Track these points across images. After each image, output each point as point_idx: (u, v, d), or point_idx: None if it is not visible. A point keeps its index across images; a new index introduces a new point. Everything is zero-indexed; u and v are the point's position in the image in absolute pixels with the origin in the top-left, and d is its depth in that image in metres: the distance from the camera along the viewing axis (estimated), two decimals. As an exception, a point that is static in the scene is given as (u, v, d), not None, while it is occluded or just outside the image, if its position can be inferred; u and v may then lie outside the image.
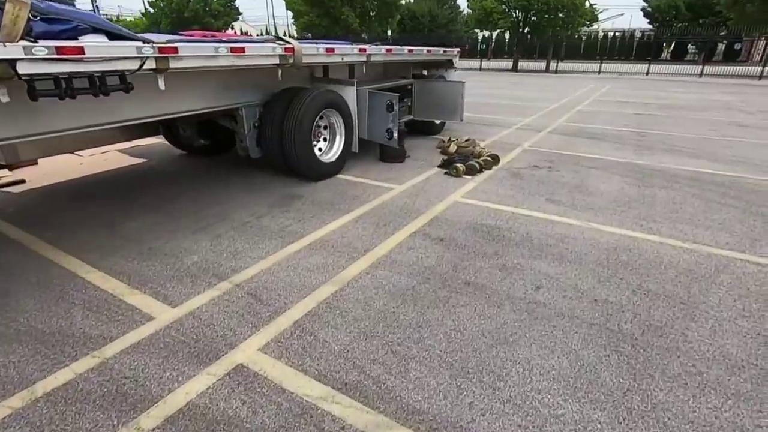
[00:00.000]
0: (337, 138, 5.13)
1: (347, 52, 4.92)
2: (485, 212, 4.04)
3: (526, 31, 28.23)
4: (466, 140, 6.29)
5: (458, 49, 7.51)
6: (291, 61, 4.14)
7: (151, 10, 44.70)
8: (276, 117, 4.47)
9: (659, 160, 5.92)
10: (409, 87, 6.65)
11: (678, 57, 35.36)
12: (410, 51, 6.09)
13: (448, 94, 6.68)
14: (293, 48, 4.14)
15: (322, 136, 5.03)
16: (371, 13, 34.87)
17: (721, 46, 31.66)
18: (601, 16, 34.00)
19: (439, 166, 5.48)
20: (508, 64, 29.36)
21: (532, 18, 26.99)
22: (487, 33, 39.93)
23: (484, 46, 46.83)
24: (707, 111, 10.61)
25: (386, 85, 5.87)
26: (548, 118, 9.30)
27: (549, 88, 16.42)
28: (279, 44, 4.12)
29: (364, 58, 5.23)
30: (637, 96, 13.98)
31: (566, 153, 6.28)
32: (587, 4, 25.81)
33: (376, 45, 5.70)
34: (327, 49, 4.64)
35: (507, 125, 8.46)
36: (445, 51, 7.08)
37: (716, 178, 5.08)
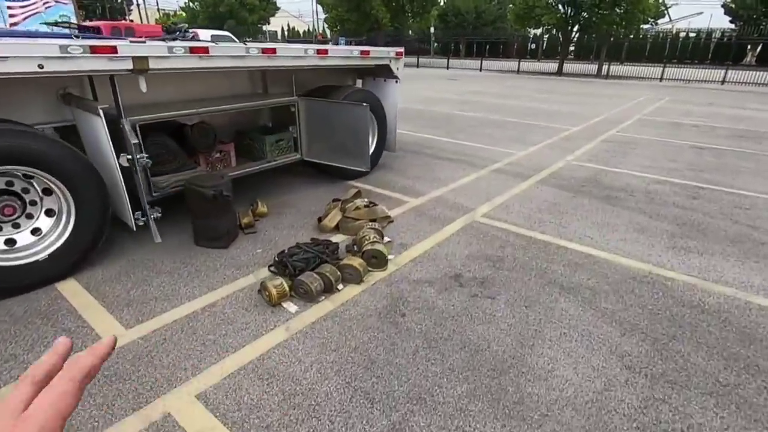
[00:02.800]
0: (63, 218, 2.75)
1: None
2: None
3: (575, 29, 24.42)
4: (367, 205, 3.69)
5: (397, 50, 4.88)
6: None
7: (191, 5, 44.80)
8: None
9: (718, 269, 3.04)
10: (292, 109, 4.14)
11: (766, 61, 29.77)
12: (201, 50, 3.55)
13: (346, 124, 4.10)
14: None
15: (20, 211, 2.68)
16: (406, 9, 32.18)
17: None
18: (675, 14, 29.27)
19: (270, 267, 2.95)
20: (556, 66, 25.62)
21: (583, 14, 23.17)
22: (537, 31, 35.97)
23: (533, 46, 42.63)
24: (809, 145, 7.18)
25: (209, 110, 3.41)
26: (555, 151, 6.40)
27: (587, 99, 13.11)
28: None
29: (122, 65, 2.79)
30: (702, 114, 10.47)
31: (541, 237, 3.52)
32: (651, -2, 21.66)
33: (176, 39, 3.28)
34: None
35: (483, 161, 5.71)
36: (357, 54, 4.47)
37: None
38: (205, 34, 11.18)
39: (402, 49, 4.96)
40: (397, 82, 5.02)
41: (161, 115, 3.11)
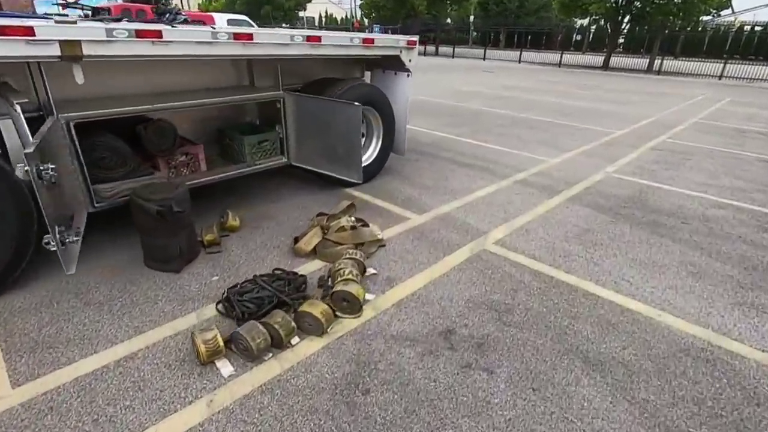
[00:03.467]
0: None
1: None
2: None
3: (626, 19, 22.58)
4: (354, 226, 3.08)
5: (409, 39, 4.20)
6: None
7: (230, -10, 44.90)
8: None
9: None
10: (278, 105, 3.55)
11: None
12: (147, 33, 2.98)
13: (335, 126, 3.47)
14: None
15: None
16: (444, -5, 30.94)
17: None
18: (738, 5, 26.69)
19: (218, 306, 2.39)
20: (602, 60, 23.83)
21: (636, 3, 21.34)
22: (584, 21, 33.83)
23: (579, 37, 40.18)
24: None
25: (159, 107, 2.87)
26: (593, 160, 5.55)
27: (634, 98, 11.88)
28: None
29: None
30: (771, 120, 9.16)
31: (565, 278, 2.81)
32: (715, -14, 19.59)
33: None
34: None
35: (506, 169, 4.96)
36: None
37: None
38: (220, 19, 10.78)
39: (415, 38, 4.27)
40: (408, 75, 4.34)
41: (103, 111, 2.60)
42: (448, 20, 43.36)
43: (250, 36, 2.99)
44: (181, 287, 2.58)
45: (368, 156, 4.37)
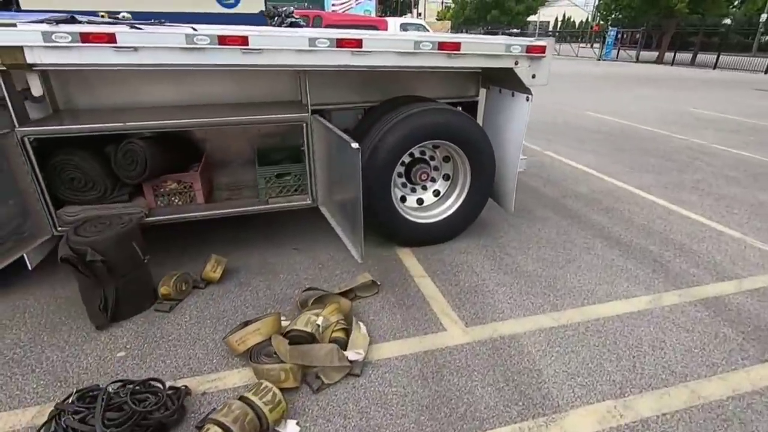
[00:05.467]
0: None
1: None
2: None
3: None
4: (305, 336, 1.99)
5: (532, 44, 2.69)
6: None
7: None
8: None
9: None
10: (304, 131, 2.67)
11: None
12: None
13: (343, 171, 2.36)
14: None
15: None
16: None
17: None
18: None
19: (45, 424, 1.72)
20: None
21: None
22: None
23: None
24: None
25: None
26: None
27: None
28: None
29: None
30: None
31: None
32: None
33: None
34: None
35: (695, 269, 2.83)
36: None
37: None
38: (393, 22, 10.42)
39: (544, 43, 2.72)
40: (528, 99, 2.83)
41: (68, 128, 2.24)
42: (726, 21, 33.52)
43: (243, 40, 2.19)
44: (69, 357, 2.03)
45: (443, 209, 3.09)
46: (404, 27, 10.35)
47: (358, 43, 2.38)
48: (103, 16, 3.96)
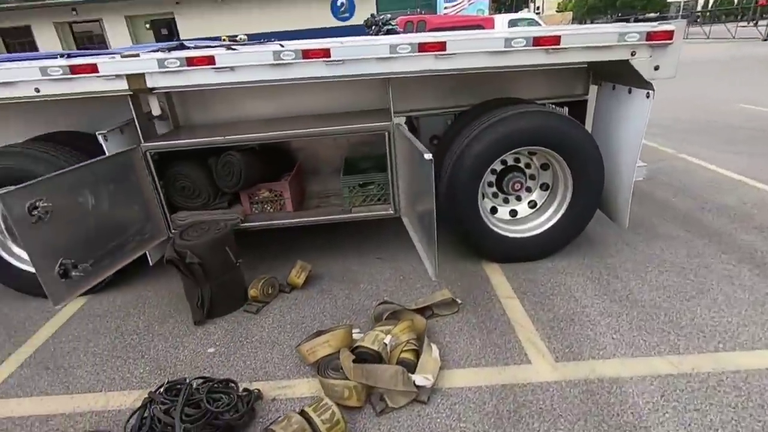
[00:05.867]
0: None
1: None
2: None
3: None
4: (371, 355, 1.90)
5: (653, 29, 2.23)
6: None
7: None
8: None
9: None
10: (387, 140, 2.61)
11: None
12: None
13: (418, 180, 2.19)
14: None
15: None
16: None
17: None
18: None
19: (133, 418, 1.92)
20: None
21: None
22: None
23: None
24: None
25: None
26: None
27: None
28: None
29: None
30: None
31: None
32: None
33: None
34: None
35: None
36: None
37: None
38: (501, 19, 9.72)
39: (672, 27, 2.25)
40: (648, 95, 2.39)
41: (178, 143, 2.52)
42: None
43: (324, 52, 2.22)
44: (170, 348, 2.26)
45: (540, 222, 2.77)
46: (513, 23, 9.76)
47: (441, 46, 2.24)
48: (224, 40, 4.40)
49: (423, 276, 2.70)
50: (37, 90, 2.30)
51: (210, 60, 2.22)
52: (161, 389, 1.84)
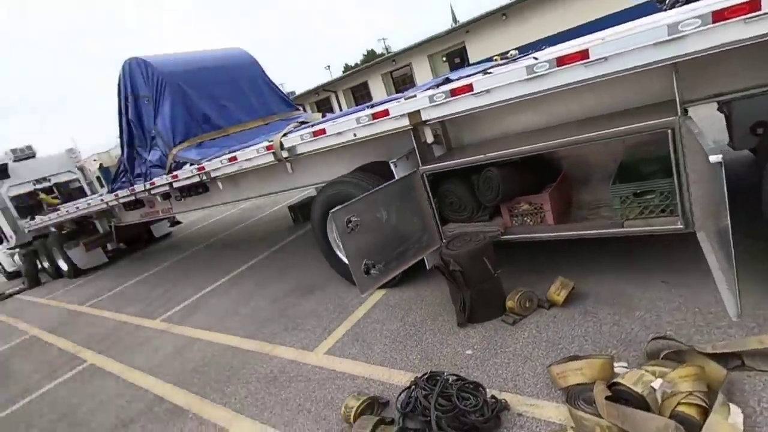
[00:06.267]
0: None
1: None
2: None
3: None
4: (701, 405, 1.58)
5: None
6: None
7: None
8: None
9: None
10: (670, 139, 2.09)
11: None
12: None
13: (709, 187, 1.53)
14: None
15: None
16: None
17: None
18: None
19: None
20: None
21: None
22: None
23: None
24: None
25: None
26: None
27: None
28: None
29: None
30: None
31: None
32: None
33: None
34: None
35: None
36: None
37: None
38: None
39: None
40: None
41: (446, 164, 2.87)
42: None
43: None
44: (436, 343, 2.59)
45: None
46: None
47: (753, 5, 1.66)
48: (496, 59, 4.64)
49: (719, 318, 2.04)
50: (354, 135, 3.14)
51: (469, 87, 2.45)
52: (424, 377, 2.16)
